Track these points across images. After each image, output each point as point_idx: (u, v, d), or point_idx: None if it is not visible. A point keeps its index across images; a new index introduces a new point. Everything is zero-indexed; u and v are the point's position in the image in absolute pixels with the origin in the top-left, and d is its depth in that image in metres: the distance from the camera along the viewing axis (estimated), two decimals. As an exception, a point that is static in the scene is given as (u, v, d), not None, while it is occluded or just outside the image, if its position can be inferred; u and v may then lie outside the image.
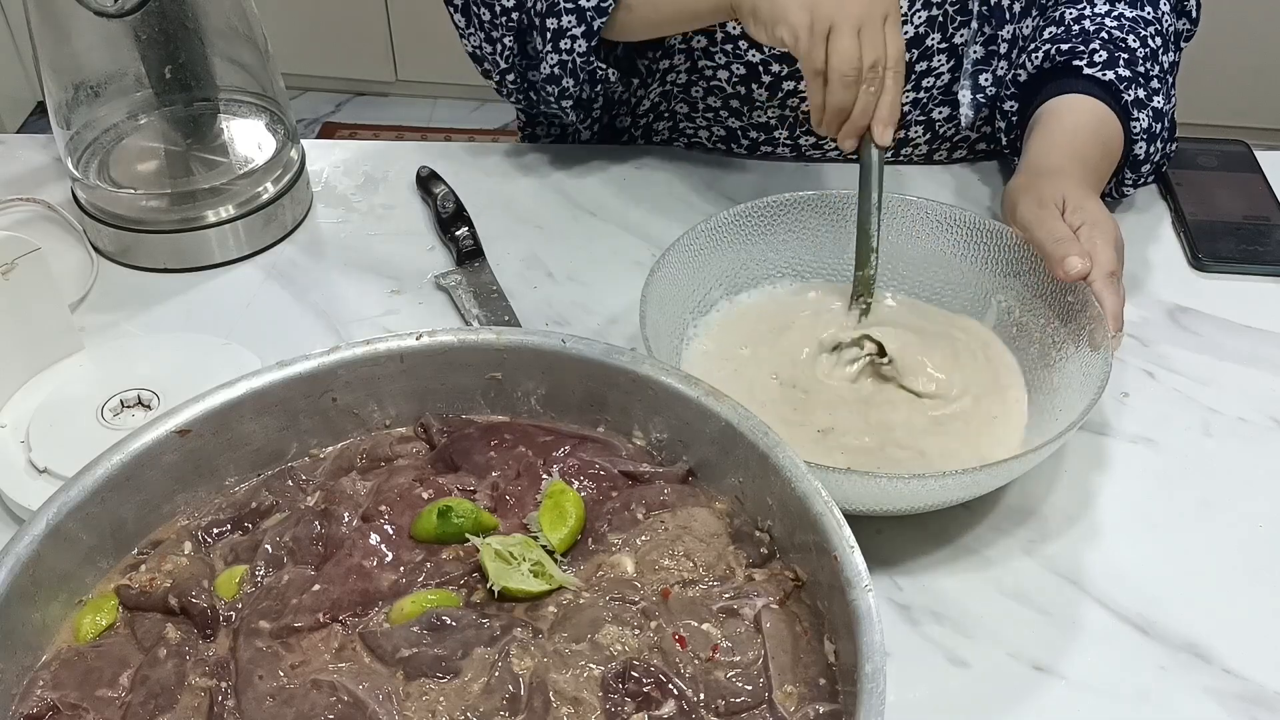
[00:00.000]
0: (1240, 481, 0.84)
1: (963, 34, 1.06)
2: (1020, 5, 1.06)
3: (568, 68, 1.00)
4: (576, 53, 0.99)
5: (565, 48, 0.99)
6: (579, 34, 0.98)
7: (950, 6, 1.05)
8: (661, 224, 1.06)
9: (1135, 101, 0.99)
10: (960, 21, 1.06)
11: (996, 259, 0.90)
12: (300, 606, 0.63)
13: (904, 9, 1.03)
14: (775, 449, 0.64)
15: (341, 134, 2.85)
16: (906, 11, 1.04)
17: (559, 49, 0.99)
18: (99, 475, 0.64)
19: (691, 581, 0.64)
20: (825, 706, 0.58)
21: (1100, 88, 1.00)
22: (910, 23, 1.04)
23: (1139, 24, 1.03)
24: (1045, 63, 1.03)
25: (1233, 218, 1.06)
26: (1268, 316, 0.97)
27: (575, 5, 0.97)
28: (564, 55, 0.99)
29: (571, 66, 1.00)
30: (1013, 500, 0.82)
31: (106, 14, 0.94)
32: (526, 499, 0.69)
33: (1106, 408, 0.88)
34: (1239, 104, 2.44)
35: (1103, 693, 0.71)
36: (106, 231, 1.02)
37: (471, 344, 0.73)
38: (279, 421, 0.71)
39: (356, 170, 1.14)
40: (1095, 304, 0.82)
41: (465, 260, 1.01)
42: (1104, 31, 1.01)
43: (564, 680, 0.59)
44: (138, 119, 1.06)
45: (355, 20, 2.81)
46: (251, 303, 0.99)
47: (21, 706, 0.59)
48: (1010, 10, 1.05)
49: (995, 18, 1.05)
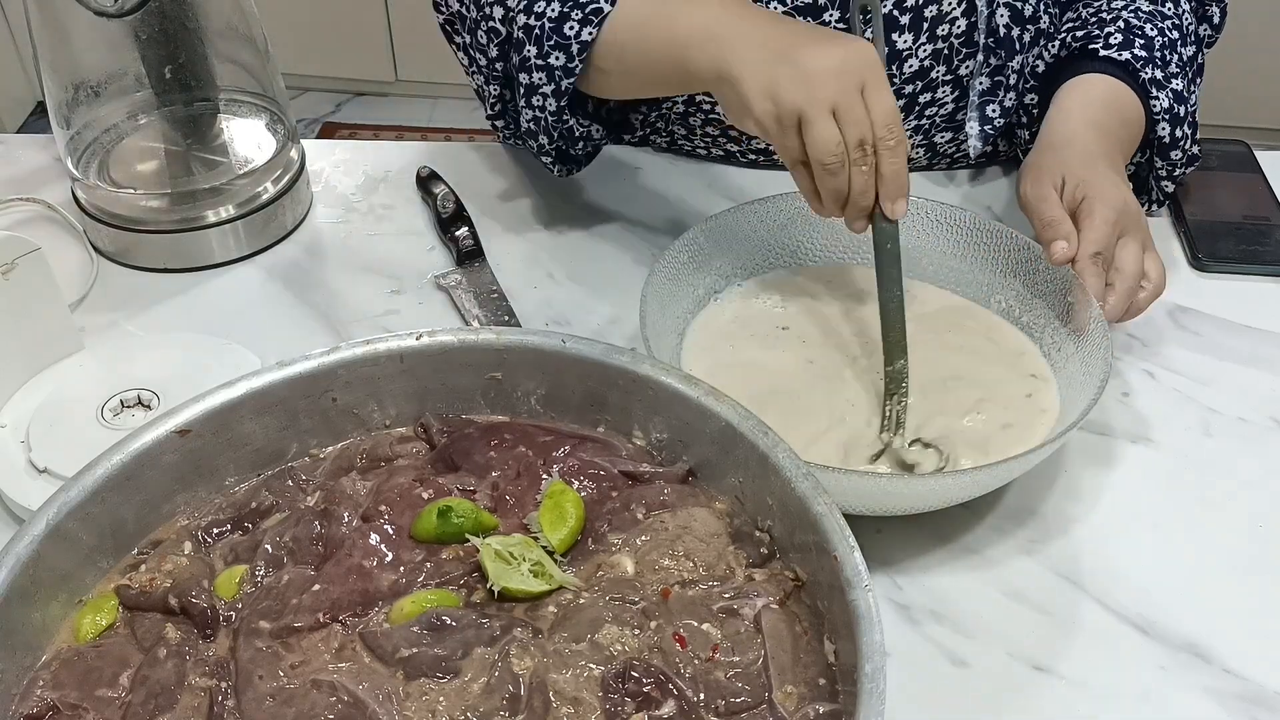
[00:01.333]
0: (1240, 481, 0.84)
1: (968, 65, 1.04)
2: (1030, 36, 1.04)
3: (541, 124, 0.97)
4: (548, 111, 0.95)
5: (538, 104, 0.95)
6: (549, 92, 0.94)
7: (956, 39, 1.03)
8: (661, 224, 1.06)
9: (1153, 80, 0.98)
10: (966, 54, 1.04)
11: (996, 259, 0.90)
12: (300, 606, 0.63)
13: (908, 44, 1.01)
14: (775, 449, 0.64)
15: (341, 134, 2.85)
16: (911, 45, 1.01)
17: (531, 105, 0.95)
18: (99, 475, 0.64)
19: (691, 581, 0.64)
20: (825, 706, 0.58)
21: (1117, 67, 0.99)
22: (915, 55, 1.02)
23: (1156, 17, 1.02)
24: (1062, 51, 1.03)
25: (1233, 218, 1.06)
26: (1268, 316, 0.97)
27: (545, 64, 0.92)
28: (537, 112, 0.96)
29: (545, 124, 0.96)
30: (1013, 500, 0.82)
31: (106, 14, 0.94)
32: (526, 499, 0.68)
33: (1106, 408, 0.88)
34: (1239, 104, 2.44)
35: (1103, 693, 0.71)
36: (106, 231, 1.02)
37: (471, 344, 0.73)
38: (279, 421, 0.71)
39: (356, 170, 1.14)
40: (1095, 304, 0.82)
41: (465, 260, 1.01)
42: (1120, 19, 1.01)
43: (564, 680, 0.59)
44: (138, 119, 1.06)
45: (355, 20, 2.81)
46: (251, 303, 0.99)
47: (21, 706, 0.59)
48: (1020, 41, 1.04)
49: (1004, 49, 1.03)
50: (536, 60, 0.92)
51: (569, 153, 1.03)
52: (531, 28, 0.92)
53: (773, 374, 0.86)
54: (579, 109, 1.00)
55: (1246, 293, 0.99)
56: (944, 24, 1.01)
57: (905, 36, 1.00)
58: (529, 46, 0.92)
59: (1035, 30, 1.05)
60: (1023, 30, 1.04)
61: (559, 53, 0.91)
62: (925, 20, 1.01)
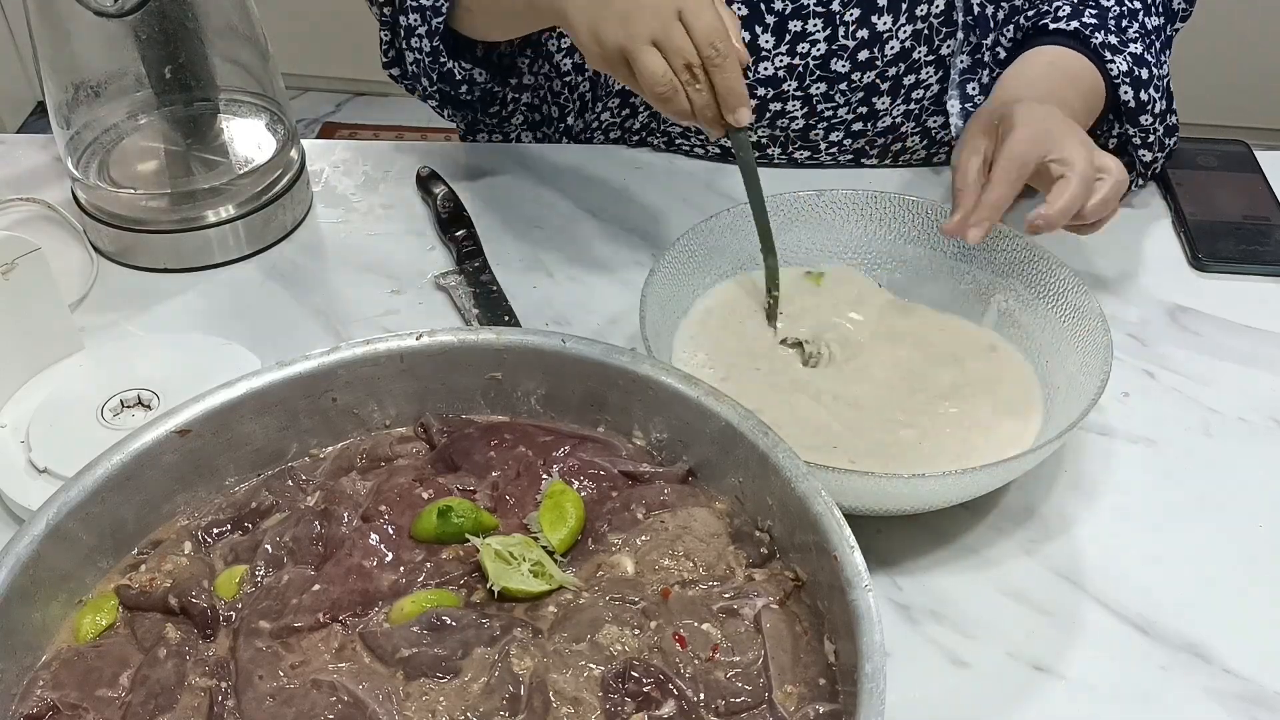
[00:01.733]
0: (1240, 481, 0.84)
1: (949, 45, 1.05)
2: (1004, 13, 1.05)
3: (421, 67, 0.98)
4: (424, 52, 0.97)
5: (416, 46, 0.97)
6: (423, 33, 0.96)
7: (935, 19, 1.03)
8: (661, 224, 1.06)
9: (1106, 45, 0.97)
10: (946, 33, 1.05)
11: (996, 259, 0.90)
12: (300, 606, 0.63)
13: (889, 25, 1.01)
14: (775, 449, 0.64)
15: (341, 134, 2.85)
16: (891, 27, 1.01)
17: (411, 47, 0.97)
18: (99, 475, 0.64)
19: (691, 581, 0.64)
20: (825, 706, 0.58)
21: (1068, 37, 0.98)
22: (896, 37, 1.03)
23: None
24: (1017, 34, 1.03)
25: (1233, 218, 1.06)
26: (1268, 316, 0.97)
27: (418, 4, 0.95)
28: (416, 55, 0.97)
29: (423, 65, 0.98)
30: (1013, 500, 0.82)
31: (106, 14, 0.94)
32: (526, 499, 0.68)
33: (1106, 408, 0.88)
34: (1239, 104, 2.44)
35: (1103, 693, 0.71)
36: (106, 231, 1.02)
37: (471, 344, 0.73)
38: (279, 421, 0.71)
39: (356, 170, 1.14)
40: (1095, 304, 0.82)
41: (465, 260, 1.01)
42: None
43: (564, 680, 0.59)
44: (138, 119, 1.06)
45: (355, 20, 2.80)
46: (251, 303, 0.99)
47: (21, 706, 0.59)
48: (994, 19, 1.04)
49: (980, 27, 1.03)
50: (411, 1, 0.95)
51: (454, 96, 1.04)
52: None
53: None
54: (464, 54, 1.01)
55: (1246, 293, 0.99)
56: (922, 4, 1.02)
57: (885, 18, 1.00)
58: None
59: (1009, 7, 1.05)
60: (996, 8, 1.04)
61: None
62: (904, 1, 1.01)
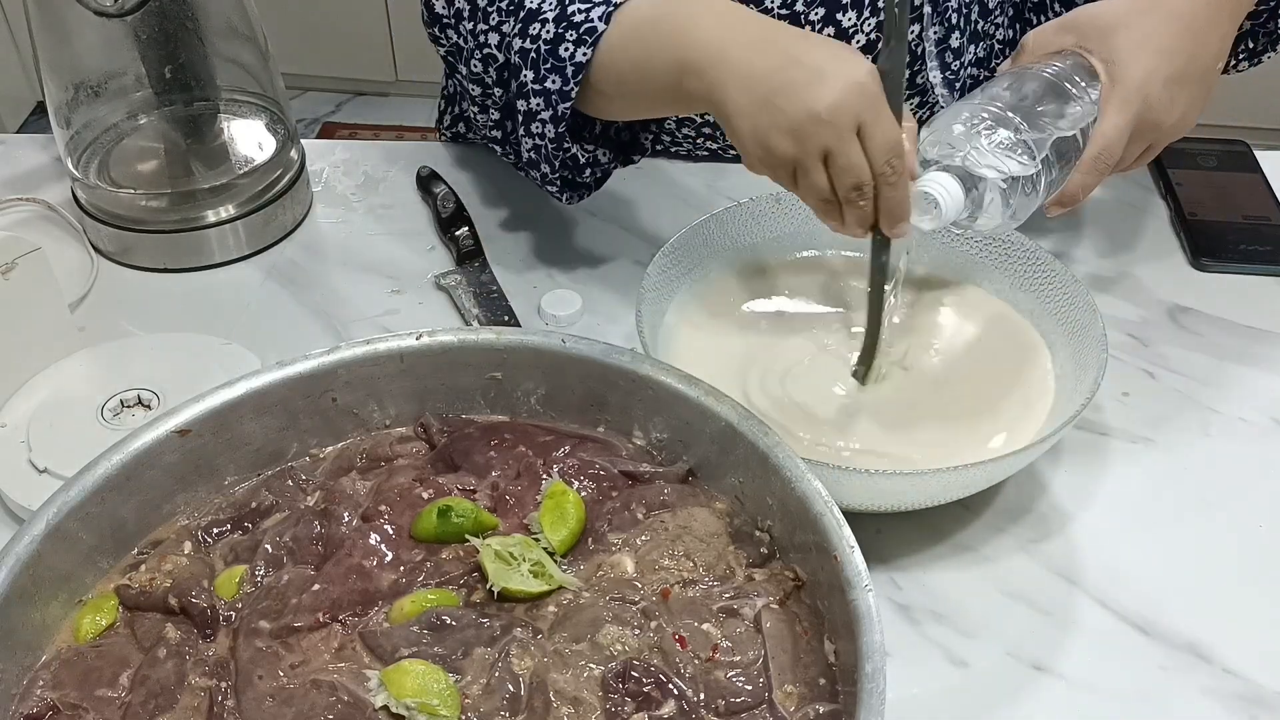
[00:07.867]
0: (1240, 481, 0.84)
1: (915, 28, 1.01)
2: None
3: (543, 153, 0.92)
4: (548, 138, 0.90)
5: (536, 131, 0.91)
6: (546, 118, 0.89)
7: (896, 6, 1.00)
8: (661, 224, 1.06)
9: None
10: (912, 18, 1.00)
11: (995, 259, 0.90)
12: (300, 606, 0.63)
13: (854, 21, 0.97)
14: (775, 449, 0.65)
15: (341, 134, 2.85)
16: (857, 21, 0.97)
17: (531, 133, 0.91)
18: (99, 475, 0.64)
19: (691, 581, 0.64)
20: (825, 706, 0.58)
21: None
22: (862, 30, 0.98)
23: None
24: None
25: (1233, 218, 1.06)
26: (1268, 316, 0.97)
27: (542, 88, 0.88)
28: (536, 140, 0.91)
29: (545, 152, 0.92)
30: (1012, 500, 0.82)
31: (106, 14, 0.94)
32: (526, 499, 0.69)
33: (1106, 407, 0.88)
34: (1239, 104, 2.44)
35: (1103, 693, 0.71)
36: (106, 231, 1.02)
37: (471, 344, 0.73)
38: (279, 421, 0.71)
39: (356, 170, 1.14)
40: (1092, 302, 0.82)
41: (465, 260, 1.01)
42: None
43: (564, 680, 0.59)
44: (138, 119, 1.06)
45: (355, 20, 2.81)
46: (251, 303, 0.99)
47: (21, 706, 0.59)
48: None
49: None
50: (534, 85, 0.88)
51: (574, 180, 0.98)
52: (527, 51, 0.88)
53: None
54: (583, 133, 0.97)
55: (1246, 293, 0.99)
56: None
57: (849, 15, 0.97)
58: (525, 71, 0.89)
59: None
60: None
61: (555, 76, 0.87)
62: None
